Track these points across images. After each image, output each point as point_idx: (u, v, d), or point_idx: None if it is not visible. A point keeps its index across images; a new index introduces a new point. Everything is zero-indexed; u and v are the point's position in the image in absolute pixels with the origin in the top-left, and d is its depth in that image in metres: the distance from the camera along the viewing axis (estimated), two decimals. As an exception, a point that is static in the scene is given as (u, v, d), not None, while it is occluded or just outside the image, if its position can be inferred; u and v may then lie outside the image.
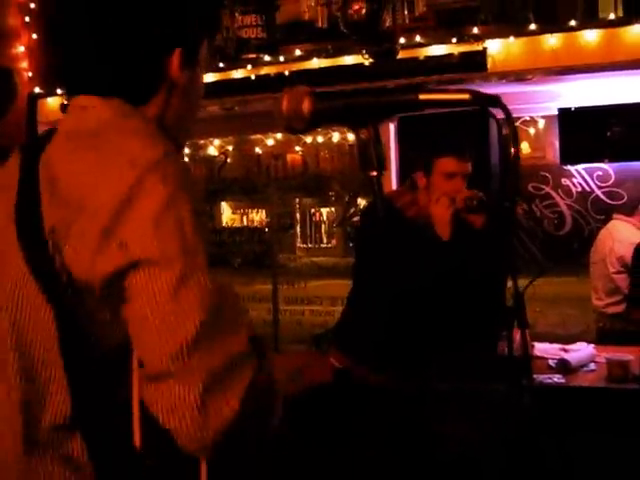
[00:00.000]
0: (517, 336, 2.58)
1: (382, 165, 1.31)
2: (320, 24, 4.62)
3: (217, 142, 6.65)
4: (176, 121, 1.51)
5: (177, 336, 1.22)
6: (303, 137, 6.32)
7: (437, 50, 4.48)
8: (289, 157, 6.98)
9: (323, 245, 7.32)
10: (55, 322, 1.30)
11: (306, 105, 1.34)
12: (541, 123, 6.11)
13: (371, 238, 3.44)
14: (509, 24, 4.38)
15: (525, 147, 6.17)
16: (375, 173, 1.30)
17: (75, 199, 1.29)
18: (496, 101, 1.26)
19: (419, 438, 3.40)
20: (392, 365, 3.29)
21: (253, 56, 5.03)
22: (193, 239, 1.27)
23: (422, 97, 1.25)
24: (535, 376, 3.99)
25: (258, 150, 6.55)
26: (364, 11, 4.29)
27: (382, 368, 3.33)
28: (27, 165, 1.40)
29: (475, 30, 4.37)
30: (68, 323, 1.30)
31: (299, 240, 7.29)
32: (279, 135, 6.41)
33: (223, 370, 1.25)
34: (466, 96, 1.23)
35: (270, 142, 6.48)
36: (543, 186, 6.11)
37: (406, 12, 4.45)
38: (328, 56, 4.78)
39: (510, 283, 1.94)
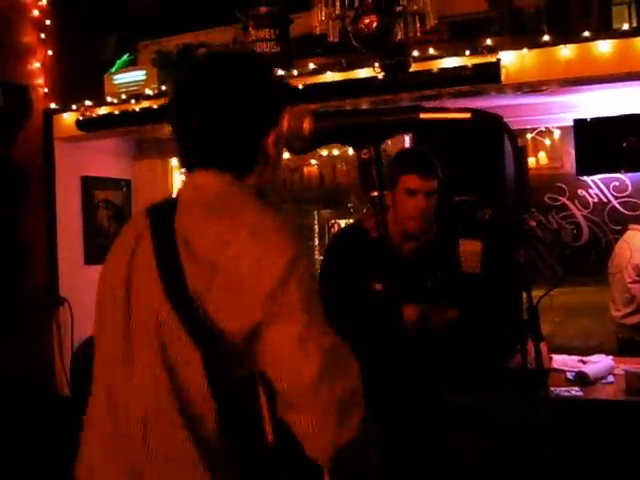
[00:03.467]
0: (533, 349, 2.55)
1: (383, 185, 1.30)
2: (332, 38, 4.61)
3: (233, 156, 6.63)
4: (266, 182, 1.87)
5: (309, 371, 1.57)
6: (319, 150, 6.30)
7: (450, 62, 4.45)
8: (305, 170, 6.98)
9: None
10: (202, 361, 1.63)
11: (307, 124, 1.34)
12: (557, 134, 6.10)
13: (332, 260, 3.54)
14: (523, 35, 4.35)
15: (541, 158, 6.15)
16: (376, 193, 1.29)
17: (212, 261, 1.62)
18: (498, 121, 1.24)
19: (433, 451, 3.38)
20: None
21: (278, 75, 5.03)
22: (313, 298, 1.63)
23: (423, 116, 1.24)
24: (553, 389, 3.96)
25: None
26: (375, 25, 4.27)
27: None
28: (161, 230, 1.74)
29: (488, 42, 4.35)
30: (211, 361, 1.63)
31: (317, 252, 7.28)
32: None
33: (347, 400, 1.61)
34: (467, 115, 1.21)
35: (286, 155, 6.47)
36: (559, 197, 6.09)
37: (418, 25, 4.42)
38: (342, 70, 4.77)
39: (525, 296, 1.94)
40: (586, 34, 4.13)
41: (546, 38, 4.23)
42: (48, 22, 5.87)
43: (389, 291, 2.88)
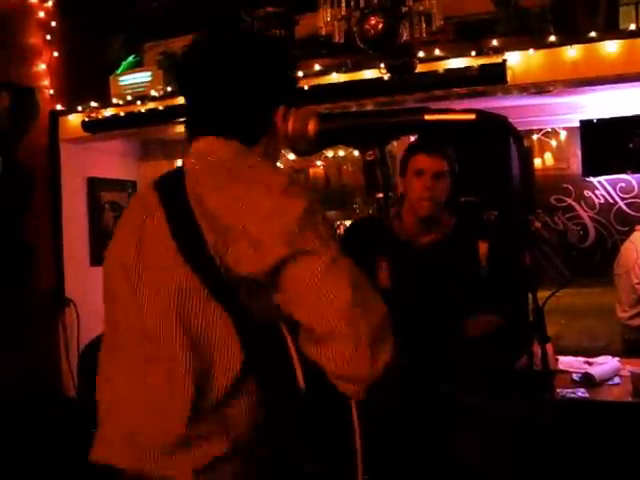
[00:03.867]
0: (539, 351, 2.55)
1: (388, 187, 1.29)
2: (337, 39, 4.60)
3: (238, 157, 6.64)
4: (271, 158, 1.92)
5: (339, 303, 1.58)
6: (324, 151, 6.30)
7: (456, 63, 4.45)
8: (311, 171, 6.98)
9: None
10: (225, 313, 1.69)
11: (312, 126, 1.33)
12: (563, 135, 6.08)
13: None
14: (529, 36, 4.34)
15: (547, 159, 6.14)
16: (381, 195, 1.29)
17: (230, 219, 1.66)
18: (503, 122, 1.23)
19: (437, 452, 3.36)
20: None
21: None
22: (327, 234, 1.67)
23: (427, 118, 1.23)
24: (559, 390, 3.96)
25: (280, 165, 6.53)
26: (381, 26, 4.26)
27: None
28: (172, 198, 1.79)
29: (494, 42, 4.34)
30: (237, 310, 1.70)
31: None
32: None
33: (379, 327, 1.62)
34: (472, 116, 1.21)
35: (291, 156, 6.47)
36: (566, 198, 6.07)
37: (424, 26, 4.41)
38: (347, 71, 4.77)
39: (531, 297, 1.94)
40: (593, 34, 4.12)
41: (552, 39, 4.22)
42: (54, 24, 5.88)
43: (397, 285, 2.87)
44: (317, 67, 4.85)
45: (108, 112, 5.68)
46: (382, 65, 4.47)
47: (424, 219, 3.41)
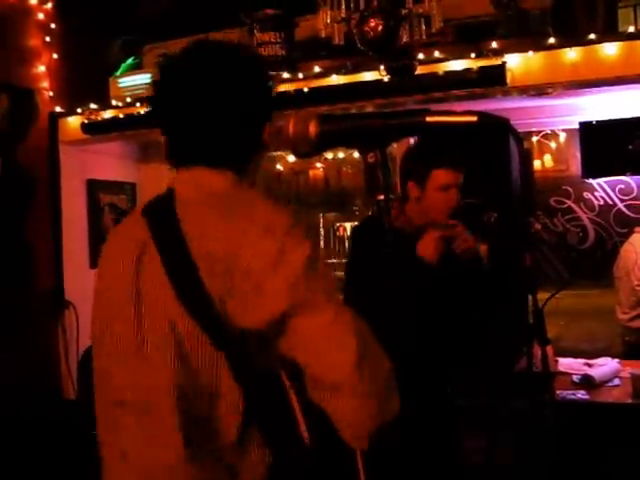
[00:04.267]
0: (539, 352, 2.55)
1: (389, 189, 1.29)
2: (337, 41, 4.60)
3: (238, 159, 6.64)
4: (255, 174, 1.87)
5: (345, 356, 1.58)
6: (324, 153, 6.30)
7: (456, 65, 4.45)
8: (311, 173, 6.98)
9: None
10: (227, 361, 1.64)
11: (313, 128, 1.33)
12: (562, 137, 6.08)
13: (358, 254, 3.41)
14: (528, 38, 4.35)
15: (547, 161, 6.14)
16: (382, 197, 1.29)
17: (229, 261, 1.60)
18: (505, 124, 1.23)
19: (445, 453, 3.35)
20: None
21: (272, 73, 5.02)
22: (331, 282, 1.68)
23: (429, 120, 1.23)
24: (559, 392, 3.96)
25: (279, 167, 6.54)
26: (380, 28, 4.26)
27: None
28: (166, 233, 1.70)
29: (494, 44, 4.34)
30: (238, 358, 1.65)
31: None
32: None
33: (385, 380, 1.65)
34: (474, 118, 1.20)
35: (291, 159, 6.48)
36: (565, 200, 6.08)
37: (423, 28, 4.41)
38: (347, 72, 4.77)
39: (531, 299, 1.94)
40: (592, 37, 4.13)
41: (552, 41, 4.22)
42: (53, 25, 5.88)
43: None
44: (317, 69, 4.85)
45: (108, 114, 5.68)
46: (382, 67, 4.47)
47: (432, 223, 3.35)
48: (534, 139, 6.10)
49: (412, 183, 3.33)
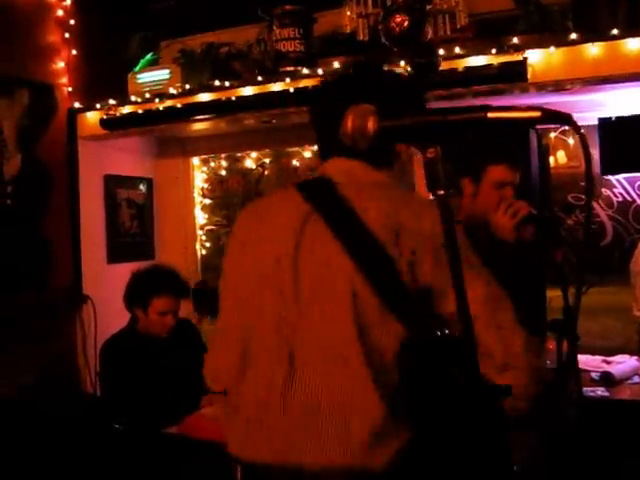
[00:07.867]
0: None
1: (449, 184, 1.30)
2: (361, 36, 4.60)
3: (254, 155, 6.66)
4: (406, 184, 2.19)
5: (515, 341, 1.91)
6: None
7: (476, 61, 4.44)
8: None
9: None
10: (399, 324, 1.83)
11: (371, 124, 1.33)
12: (580, 133, 6.04)
13: None
14: (549, 34, 4.33)
15: (565, 157, 6.11)
16: (442, 192, 1.29)
17: (397, 226, 1.85)
18: (568, 118, 1.24)
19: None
20: None
21: (291, 69, 5.03)
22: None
23: (491, 115, 1.23)
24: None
25: (295, 163, 6.54)
26: (407, 23, 4.25)
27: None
28: (333, 205, 1.97)
29: (515, 40, 4.33)
30: (411, 321, 1.84)
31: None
32: (316, 148, 6.39)
33: (538, 363, 2.01)
34: (537, 114, 1.21)
35: (307, 155, 6.48)
36: (583, 196, 6.04)
37: (448, 24, 4.41)
38: (367, 68, 4.75)
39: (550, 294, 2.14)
40: (614, 32, 4.11)
41: (573, 36, 4.20)
42: (72, 22, 5.90)
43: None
44: (335, 65, 4.84)
45: (126, 110, 5.70)
46: (402, 63, 4.46)
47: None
48: (552, 135, 6.07)
49: (467, 179, 3.32)
